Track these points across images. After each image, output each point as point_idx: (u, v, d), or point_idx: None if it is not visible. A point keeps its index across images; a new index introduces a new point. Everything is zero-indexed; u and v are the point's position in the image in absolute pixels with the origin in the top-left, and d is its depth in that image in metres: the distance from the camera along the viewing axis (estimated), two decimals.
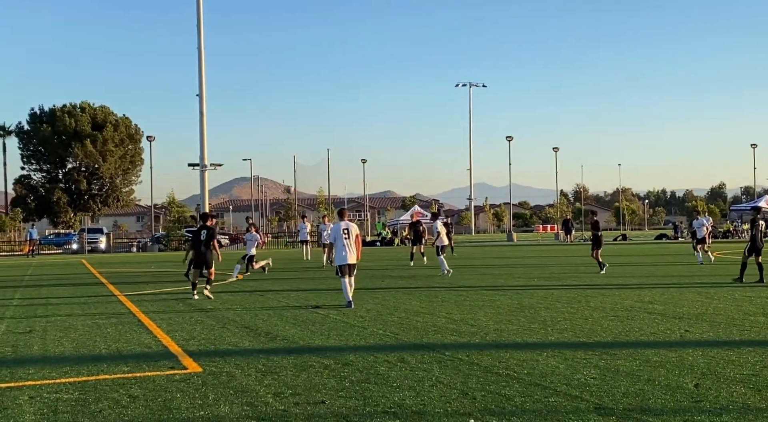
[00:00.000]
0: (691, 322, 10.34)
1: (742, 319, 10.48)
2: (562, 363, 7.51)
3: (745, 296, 13.47)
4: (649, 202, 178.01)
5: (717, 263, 24.19)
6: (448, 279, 19.04)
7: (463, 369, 7.32)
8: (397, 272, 22.74)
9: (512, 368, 7.34)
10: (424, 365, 7.59)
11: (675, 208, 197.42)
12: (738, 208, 66.73)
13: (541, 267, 24.48)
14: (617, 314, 11.36)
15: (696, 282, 16.96)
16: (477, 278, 19.47)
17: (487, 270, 23.42)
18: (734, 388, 6.33)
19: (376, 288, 16.51)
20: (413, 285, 17.68)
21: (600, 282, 17.37)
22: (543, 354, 8.02)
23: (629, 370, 7.12)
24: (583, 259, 28.54)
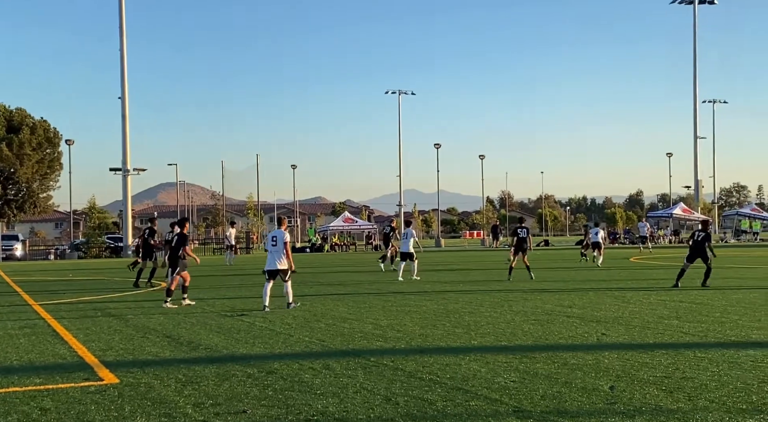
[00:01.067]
0: (608, 326, 10.64)
1: (656, 323, 10.85)
2: (484, 367, 7.61)
3: (659, 300, 13.96)
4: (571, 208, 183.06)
5: (631, 268, 25.03)
6: (377, 285, 19.11)
7: (387, 375, 7.33)
8: (326, 278, 22.64)
9: (435, 373, 7.39)
10: (349, 371, 7.56)
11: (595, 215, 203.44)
12: (654, 215, 69.18)
13: (468, 272, 24.80)
14: (538, 318, 11.61)
15: (613, 286, 17.48)
16: (405, 284, 19.55)
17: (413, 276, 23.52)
18: (647, 390, 6.53)
19: (304, 294, 16.38)
20: (342, 291, 17.63)
21: (523, 286, 17.71)
22: (466, 359, 8.12)
23: (548, 373, 7.28)
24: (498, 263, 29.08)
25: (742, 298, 13.95)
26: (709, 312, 11.99)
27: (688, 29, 70.30)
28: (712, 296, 14.44)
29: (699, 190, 74.41)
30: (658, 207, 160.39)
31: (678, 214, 63.13)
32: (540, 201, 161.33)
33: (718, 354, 8.19)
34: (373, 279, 21.81)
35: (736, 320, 10.91)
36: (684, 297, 14.42)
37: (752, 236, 59.62)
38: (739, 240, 59.00)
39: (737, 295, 14.55)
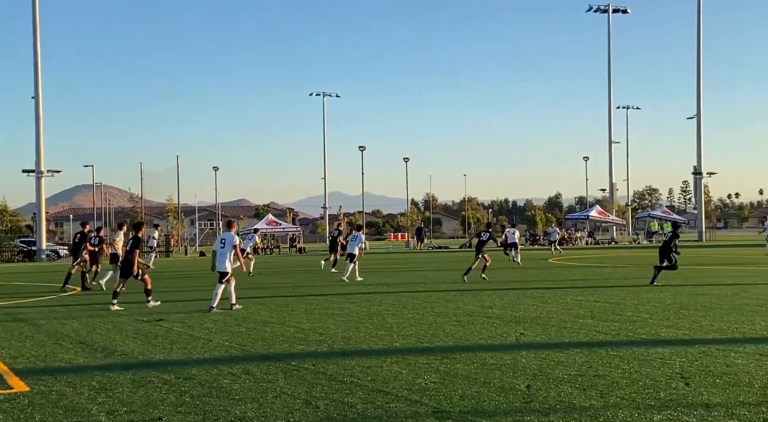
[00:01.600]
0: (526, 326, 10.88)
1: (572, 322, 11.16)
2: (405, 369, 7.66)
3: (576, 300, 14.36)
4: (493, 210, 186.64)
5: (549, 268, 25.70)
6: (300, 289, 18.99)
7: (308, 379, 7.28)
8: (248, 281, 22.36)
9: (357, 375, 7.39)
10: (269, 376, 7.47)
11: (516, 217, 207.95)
12: (572, 217, 71.30)
13: (392, 274, 24.92)
14: (459, 319, 11.77)
15: (532, 287, 17.90)
16: (328, 286, 19.50)
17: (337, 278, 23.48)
18: (562, 388, 6.70)
19: (225, 298, 16.11)
20: (264, 294, 17.42)
21: (446, 287, 17.93)
22: (387, 361, 8.15)
23: (467, 373, 7.38)
24: (434, 265, 29.42)
25: (652, 297, 14.49)
26: (621, 311, 12.40)
27: (604, 37, 72.61)
28: (624, 296, 14.95)
29: (614, 193, 77.13)
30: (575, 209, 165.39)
31: (594, 216, 65.23)
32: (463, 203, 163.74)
33: (629, 352, 8.47)
34: (296, 282, 21.67)
35: (647, 319, 11.33)
36: (599, 297, 14.89)
37: (663, 237, 61.90)
38: (651, 242, 61.31)
39: (648, 294, 15.11)
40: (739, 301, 13.48)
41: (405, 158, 76.20)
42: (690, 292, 15.43)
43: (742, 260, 29.31)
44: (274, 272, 26.41)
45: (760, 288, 16.12)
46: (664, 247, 18.47)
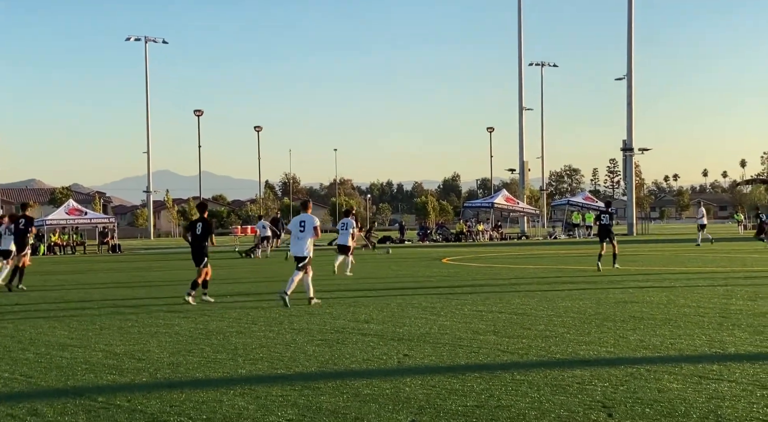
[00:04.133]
0: (411, 345, 11.08)
1: (470, 339, 11.46)
2: (253, 403, 7.64)
3: (475, 311, 14.77)
4: (373, 196, 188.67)
5: (446, 269, 26.28)
6: (112, 300, 18.51)
7: (121, 420, 7.12)
8: (40, 292, 21.51)
9: (187, 413, 7.31)
10: (66, 418, 7.27)
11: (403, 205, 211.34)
12: (472, 205, 72.75)
13: (238, 280, 24.69)
14: (326, 337, 11.83)
15: (420, 294, 18.24)
16: (154, 296, 19.09)
17: (166, 285, 23.06)
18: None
19: (3, 314, 15.48)
20: (62, 309, 16.86)
21: (302, 295, 17.93)
22: (229, 393, 8.11)
23: (334, 407, 7.44)
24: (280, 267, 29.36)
25: (570, 307, 15.12)
26: (532, 324, 12.87)
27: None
28: (536, 305, 15.51)
29: (525, 174, 79.65)
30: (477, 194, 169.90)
31: (500, 204, 66.83)
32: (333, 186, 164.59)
33: (540, 375, 8.80)
34: (110, 294, 21.07)
35: (563, 334, 11.81)
36: (504, 306, 15.38)
37: (585, 230, 64.37)
38: (571, 237, 63.74)
39: (565, 303, 15.75)
40: (675, 310, 14.28)
41: (256, 127, 75.60)
42: (616, 300, 16.20)
43: (680, 258, 31.10)
44: (77, 279, 25.53)
45: (700, 293, 17.14)
46: (605, 228, 23.83)
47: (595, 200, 73.89)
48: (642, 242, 51.43)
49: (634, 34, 68.53)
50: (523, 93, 76.61)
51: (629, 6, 68.17)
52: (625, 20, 68.70)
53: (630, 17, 68.40)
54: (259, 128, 75.39)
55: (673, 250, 38.20)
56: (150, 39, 73.63)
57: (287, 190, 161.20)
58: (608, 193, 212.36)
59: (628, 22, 68.53)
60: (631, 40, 68.55)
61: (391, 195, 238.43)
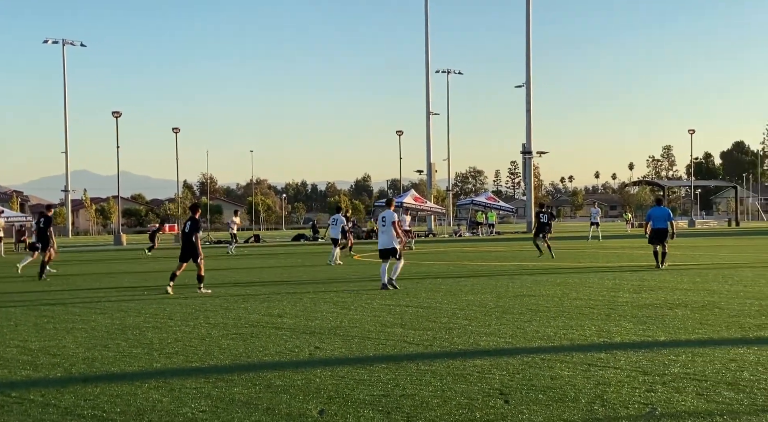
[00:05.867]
0: (323, 337, 11.07)
1: (378, 332, 11.51)
2: (167, 396, 7.54)
3: (383, 305, 14.83)
4: (288, 196, 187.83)
5: (356, 265, 26.33)
6: (29, 294, 18.02)
7: (34, 415, 6.96)
8: None
9: (101, 407, 7.18)
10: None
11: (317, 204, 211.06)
12: (382, 204, 73.21)
13: (155, 276, 24.27)
14: (240, 331, 11.74)
15: (332, 290, 18.24)
16: (69, 292, 18.63)
17: (84, 281, 22.53)
18: (362, 412, 6.89)
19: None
20: None
21: (226, 292, 17.78)
22: (144, 386, 7.98)
23: (247, 398, 7.39)
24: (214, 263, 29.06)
25: (473, 300, 15.31)
26: (436, 317, 12.99)
27: None
28: (441, 299, 15.66)
29: (432, 175, 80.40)
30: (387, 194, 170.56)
31: (409, 203, 67.27)
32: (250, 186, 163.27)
33: (443, 365, 8.89)
34: (26, 290, 20.47)
35: (465, 326, 11.95)
36: (411, 301, 15.48)
37: (488, 228, 65.49)
38: (475, 234, 64.69)
39: (468, 297, 15.94)
40: (568, 303, 14.60)
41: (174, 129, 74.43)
42: (515, 293, 16.48)
43: (574, 254, 31.77)
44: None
45: (591, 287, 17.55)
46: (543, 226, 27.97)
47: (497, 200, 75.06)
48: None
49: (532, 45, 69.87)
50: (430, 98, 77.20)
51: (527, 20, 69.41)
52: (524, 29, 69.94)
53: (528, 31, 69.67)
54: (177, 129, 74.12)
55: (567, 247, 38.99)
56: (68, 42, 71.71)
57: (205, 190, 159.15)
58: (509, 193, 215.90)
59: (526, 35, 69.78)
60: (529, 51, 69.84)
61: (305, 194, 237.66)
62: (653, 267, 22.62)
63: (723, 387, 7.52)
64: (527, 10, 69.17)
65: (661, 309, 13.43)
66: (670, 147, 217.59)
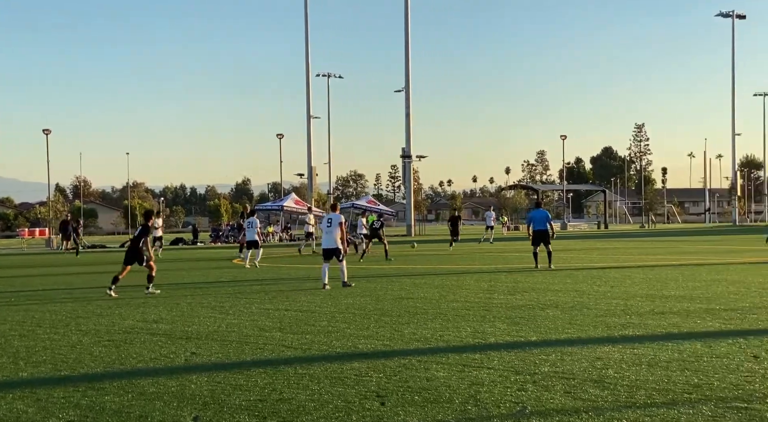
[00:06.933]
0: (199, 343, 10.91)
1: (257, 336, 11.42)
2: (33, 406, 7.30)
3: (263, 309, 14.72)
4: (166, 199, 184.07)
5: (236, 269, 26.04)
6: None
7: None
8: None
9: None
10: None
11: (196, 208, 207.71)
12: (263, 208, 72.73)
13: (24, 281, 23.38)
14: (113, 338, 11.44)
15: (211, 293, 17.99)
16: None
17: None
18: (238, 417, 6.83)
19: None
20: None
21: (100, 297, 17.29)
22: (8, 396, 7.73)
23: (118, 407, 7.21)
24: (85, 268, 28.23)
25: (352, 303, 15.37)
26: (315, 320, 12.97)
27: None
28: (321, 302, 15.66)
29: (313, 179, 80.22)
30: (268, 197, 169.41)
31: (290, 207, 67.10)
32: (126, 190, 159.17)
33: (320, 369, 8.89)
34: None
35: (344, 329, 11.99)
36: (291, 304, 15.42)
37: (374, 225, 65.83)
38: (355, 237, 64.80)
39: (348, 300, 15.99)
40: (445, 305, 14.83)
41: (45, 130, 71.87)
42: (394, 296, 16.63)
43: (452, 257, 32.31)
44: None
45: (467, 289, 17.89)
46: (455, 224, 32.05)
47: (378, 203, 75.54)
48: (419, 242, 53.00)
49: (411, 50, 70.74)
50: (310, 102, 77.08)
51: (406, 25, 70.21)
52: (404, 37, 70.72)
53: (407, 36, 70.47)
54: (48, 131, 71.61)
55: (446, 250, 39.63)
56: None
57: (78, 193, 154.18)
58: (390, 196, 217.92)
59: (405, 39, 70.57)
60: (408, 56, 70.68)
61: (184, 198, 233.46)
62: (532, 268, 23.27)
63: (589, 385, 7.81)
64: (406, 14, 69.99)
65: (534, 310, 13.81)
66: (543, 152, 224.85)
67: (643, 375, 8.22)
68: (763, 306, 13.74)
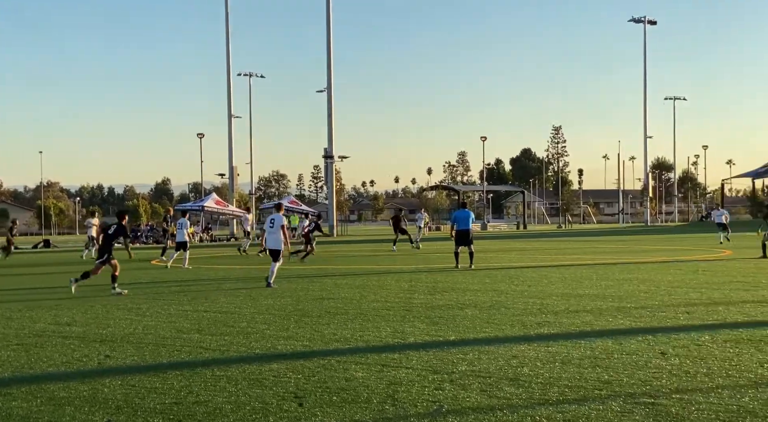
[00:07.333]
0: (114, 345, 10.70)
1: (174, 338, 11.25)
2: None
3: (181, 311, 14.51)
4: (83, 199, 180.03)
5: (153, 270, 25.64)
6: None
7: None
8: None
9: None
10: None
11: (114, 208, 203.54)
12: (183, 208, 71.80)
13: None
14: (23, 342, 11.14)
15: (127, 296, 17.65)
16: None
17: None
18: (152, 421, 6.72)
19: None
20: None
21: (10, 298, 16.84)
22: None
23: (26, 413, 7.04)
24: None
25: (272, 304, 15.28)
26: (235, 322, 12.85)
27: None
28: (241, 303, 15.53)
29: (234, 179, 79.58)
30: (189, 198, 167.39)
31: (211, 207, 66.49)
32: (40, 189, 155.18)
33: (238, 370, 8.81)
34: None
35: (263, 330, 11.90)
36: (210, 305, 15.25)
37: (291, 232, 65.62)
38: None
39: (268, 301, 15.89)
40: (366, 305, 14.86)
41: None
42: (314, 297, 16.59)
43: (374, 258, 32.42)
44: None
45: (388, 289, 17.96)
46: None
47: (300, 204, 75.32)
48: (341, 243, 53.08)
49: (333, 52, 70.71)
50: (232, 101, 76.44)
51: (327, 25, 70.14)
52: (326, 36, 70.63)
53: (329, 35, 70.42)
54: None
55: (368, 250, 39.73)
56: None
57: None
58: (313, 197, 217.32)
59: (327, 39, 70.49)
60: (330, 56, 70.63)
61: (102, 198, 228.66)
62: (452, 268, 23.50)
63: (505, 383, 7.92)
64: (327, 14, 69.91)
65: (453, 309, 13.94)
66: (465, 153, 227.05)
67: (556, 372, 8.39)
68: (672, 304, 14.15)
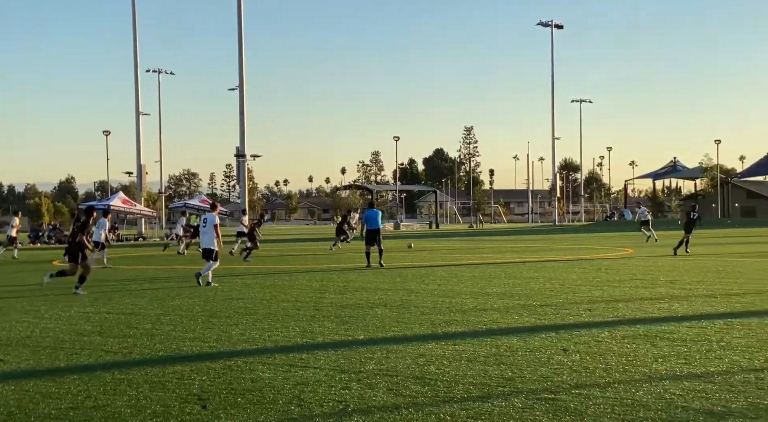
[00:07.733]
0: (8, 349, 10.34)
1: (74, 341, 10.93)
2: None
3: (82, 313, 14.12)
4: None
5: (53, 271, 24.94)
6: None
7: None
8: None
9: None
10: None
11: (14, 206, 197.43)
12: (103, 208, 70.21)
13: None
14: None
15: (26, 296, 17.14)
16: None
17: None
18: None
19: None
20: None
21: None
22: None
23: None
24: None
25: (179, 305, 15.02)
26: (139, 323, 12.57)
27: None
28: (146, 304, 15.22)
29: (142, 177, 78.10)
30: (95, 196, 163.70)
31: (117, 206, 64.95)
32: None
33: (140, 373, 8.61)
34: None
35: (169, 331, 11.67)
36: (113, 307, 14.89)
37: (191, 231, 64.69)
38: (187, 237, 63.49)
39: (175, 302, 15.62)
40: (275, 305, 14.74)
41: None
42: (223, 297, 16.38)
43: (286, 257, 32.24)
44: None
45: (299, 289, 17.87)
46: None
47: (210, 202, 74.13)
48: None
49: (245, 49, 70.04)
50: (140, 98, 74.98)
51: (239, 21, 69.46)
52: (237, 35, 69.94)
53: (240, 32, 69.72)
54: None
55: (281, 250, 39.48)
56: None
57: None
58: (225, 196, 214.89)
59: (238, 36, 69.80)
60: (242, 53, 69.90)
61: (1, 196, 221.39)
62: (364, 267, 23.56)
63: (411, 381, 7.94)
64: (239, 12, 69.19)
65: (363, 308, 13.94)
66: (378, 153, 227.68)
67: (462, 370, 8.45)
68: (575, 302, 14.45)
